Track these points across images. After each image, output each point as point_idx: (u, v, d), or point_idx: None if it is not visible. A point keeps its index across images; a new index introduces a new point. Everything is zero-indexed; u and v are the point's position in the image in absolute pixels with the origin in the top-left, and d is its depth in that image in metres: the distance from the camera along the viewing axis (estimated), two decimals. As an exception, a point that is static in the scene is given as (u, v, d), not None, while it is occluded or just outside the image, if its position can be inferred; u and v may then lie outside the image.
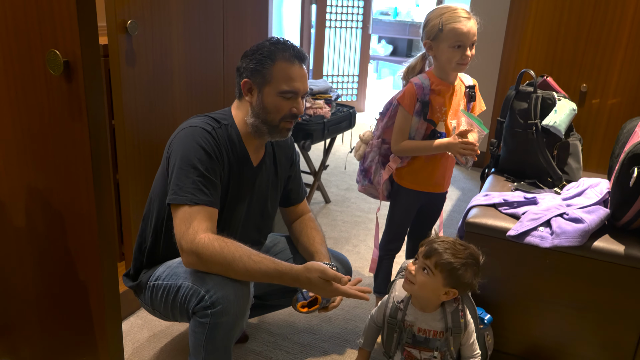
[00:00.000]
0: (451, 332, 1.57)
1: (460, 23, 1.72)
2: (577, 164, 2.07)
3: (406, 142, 1.85)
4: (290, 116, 1.57)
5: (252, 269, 1.40)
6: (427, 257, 1.50)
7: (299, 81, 1.55)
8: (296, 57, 1.55)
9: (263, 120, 1.56)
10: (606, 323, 1.69)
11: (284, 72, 1.53)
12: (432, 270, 1.50)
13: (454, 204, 3.34)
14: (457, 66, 1.79)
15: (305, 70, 1.58)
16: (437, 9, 1.78)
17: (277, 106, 1.55)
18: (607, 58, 2.69)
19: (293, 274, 1.44)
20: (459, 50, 1.74)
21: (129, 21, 1.77)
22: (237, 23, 2.33)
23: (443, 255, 1.48)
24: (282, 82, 1.53)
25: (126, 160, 1.91)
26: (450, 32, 1.73)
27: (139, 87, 1.89)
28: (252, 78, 1.56)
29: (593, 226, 1.65)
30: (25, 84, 1.20)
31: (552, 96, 2.02)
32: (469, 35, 1.74)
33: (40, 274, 1.41)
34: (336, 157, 4.05)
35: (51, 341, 1.48)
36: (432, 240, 1.54)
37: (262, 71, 1.54)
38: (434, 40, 1.77)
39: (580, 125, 2.75)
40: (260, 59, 1.53)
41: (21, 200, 1.35)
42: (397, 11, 6.88)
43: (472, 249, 1.55)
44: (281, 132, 1.60)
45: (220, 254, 1.39)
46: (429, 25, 1.78)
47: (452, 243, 1.53)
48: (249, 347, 1.94)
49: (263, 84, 1.55)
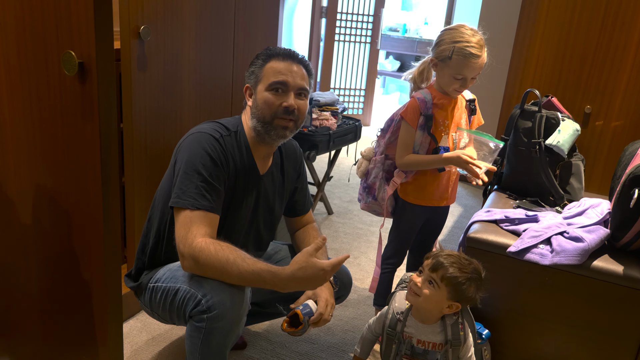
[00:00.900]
0: (451, 344, 1.57)
1: (469, 59, 1.73)
2: (579, 184, 2.09)
3: (411, 156, 1.87)
4: (283, 112, 1.56)
5: (245, 271, 1.39)
6: (433, 270, 1.52)
7: (288, 75, 1.56)
8: (288, 56, 1.59)
9: (258, 119, 1.58)
10: (603, 342, 1.69)
11: (273, 68, 1.57)
12: (438, 284, 1.51)
13: (455, 220, 3.35)
14: (453, 91, 1.82)
15: (299, 69, 1.59)
16: (453, 33, 1.77)
17: (266, 101, 1.56)
18: (612, 81, 2.72)
19: (287, 273, 1.39)
20: (459, 81, 1.77)
21: (142, 27, 1.80)
22: (248, 33, 2.36)
23: (449, 269, 1.50)
24: (271, 77, 1.56)
25: (132, 163, 1.93)
26: (457, 64, 1.74)
27: (149, 92, 1.91)
28: (249, 81, 1.61)
29: (593, 245, 1.66)
30: (39, 83, 1.23)
31: (556, 116, 2.04)
32: (473, 71, 1.76)
33: (44, 272, 1.43)
34: (340, 170, 4.08)
35: (52, 340, 1.49)
36: (437, 254, 1.55)
37: (255, 71, 1.59)
38: (441, 62, 1.79)
39: (584, 146, 2.77)
40: (255, 62, 1.60)
41: (29, 198, 1.37)
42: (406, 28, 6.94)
43: (476, 264, 1.56)
44: (276, 130, 1.58)
45: (215, 257, 1.39)
46: (440, 46, 1.79)
47: (458, 257, 1.54)
48: (247, 354, 1.95)
49: (256, 84, 1.59)
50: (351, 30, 5.31)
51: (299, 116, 1.60)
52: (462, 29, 1.77)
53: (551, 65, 2.82)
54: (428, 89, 1.87)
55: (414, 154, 1.87)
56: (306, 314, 1.55)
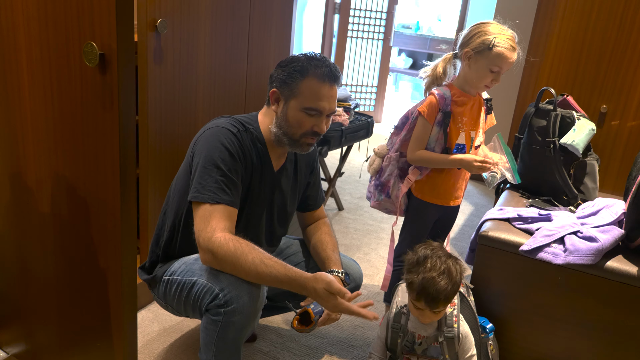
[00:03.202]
0: (444, 336, 1.58)
1: (509, 52, 1.73)
2: (594, 183, 2.07)
3: (423, 152, 1.86)
4: (312, 133, 1.57)
5: (263, 273, 1.41)
6: (439, 307, 1.53)
7: (325, 100, 1.53)
8: (328, 77, 1.53)
9: (284, 132, 1.57)
10: (614, 343, 1.69)
11: (311, 89, 1.52)
12: (425, 308, 1.53)
13: (466, 219, 3.35)
14: (482, 87, 1.81)
15: (335, 90, 1.56)
16: (492, 26, 1.76)
17: (299, 121, 1.54)
18: (629, 80, 2.70)
19: (301, 282, 1.43)
20: (493, 74, 1.76)
21: (159, 20, 1.81)
22: (262, 28, 2.37)
23: (447, 293, 1.50)
24: (308, 99, 1.53)
25: (147, 155, 1.95)
26: (497, 55, 1.73)
27: (164, 85, 1.93)
28: (281, 89, 1.56)
29: (607, 245, 1.65)
30: (60, 73, 1.25)
31: (571, 115, 2.03)
32: (508, 65, 1.75)
33: (61, 260, 1.45)
34: (351, 166, 4.08)
35: (66, 327, 1.51)
36: (427, 291, 1.52)
37: (291, 84, 1.54)
38: (478, 54, 1.76)
39: (599, 145, 2.75)
40: (291, 72, 1.54)
41: (48, 187, 1.39)
42: (419, 25, 6.92)
43: (431, 250, 1.56)
44: (302, 147, 1.59)
45: (234, 255, 1.41)
46: (479, 37, 1.76)
47: (415, 266, 1.54)
48: (257, 347, 1.96)
49: (290, 97, 1.55)
50: (364, 27, 5.31)
51: (323, 133, 1.60)
52: (496, 23, 1.78)
53: (567, 64, 2.80)
54: (447, 86, 1.86)
55: (428, 150, 1.87)
56: (317, 312, 1.56)
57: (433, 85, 1.88)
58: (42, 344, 1.61)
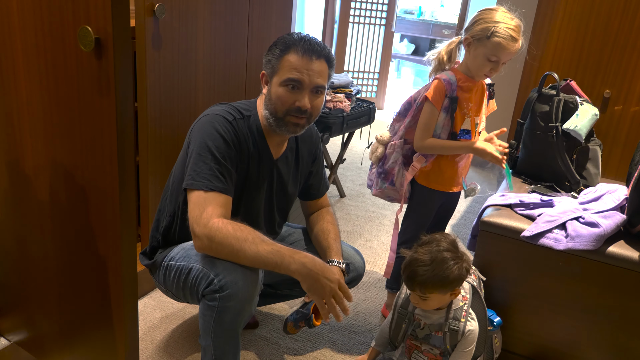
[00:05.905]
0: (449, 327, 1.57)
1: (509, 42, 1.69)
2: (596, 169, 2.06)
3: (434, 140, 1.83)
4: (295, 110, 1.52)
5: (263, 250, 1.40)
6: (415, 289, 1.53)
7: (304, 73, 1.49)
8: (308, 51, 1.50)
9: (270, 112, 1.54)
10: (617, 328, 1.69)
11: (290, 62, 1.49)
12: (428, 296, 1.52)
13: (468, 205, 3.34)
14: (482, 75, 1.79)
15: (318, 66, 1.51)
16: (495, 13, 1.72)
17: (280, 97, 1.51)
18: (633, 65, 2.66)
19: (310, 257, 1.43)
20: (492, 63, 1.73)
21: (157, 4, 1.79)
22: (262, 12, 2.35)
23: (424, 278, 1.49)
24: (286, 71, 1.50)
25: (147, 142, 1.94)
26: (495, 45, 1.69)
27: (163, 70, 1.91)
28: (266, 69, 1.56)
29: (609, 231, 1.64)
30: (55, 59, 1.23)
31: (574, 100, 2.01)
32: (508, 55, 1.72)
33: (60, 247, 1.44)
34: (353, 152, 4.06)
35: (68, 314, 1.52)
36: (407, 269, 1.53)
37: (272, 61, 1.53)
38: (477, 42, 1.74)
39: (601, 131, 2.73)
40: (274, 50, 1.53)
41: (46, 174, 1.38)
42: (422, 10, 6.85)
43: (437, 238, 1.56)
44: (287, 126, 1.55)
45: (234, 236, 1.40)
46: (479, 25, 1.73)
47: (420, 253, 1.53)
48: (258, 333, 1.96)
49: (272, 74, 1.53)
50: (366, 12, 5.26)
51: (312, 113, 1.56)
52: (502, 11, 1.73)
53: (571, 48, 2.76)
54: (452, 70, 1.84)
55: (435, 137, 1.84)
56: None
57: (439, 70, 1.86)
58: (43, 331, 1.61)
